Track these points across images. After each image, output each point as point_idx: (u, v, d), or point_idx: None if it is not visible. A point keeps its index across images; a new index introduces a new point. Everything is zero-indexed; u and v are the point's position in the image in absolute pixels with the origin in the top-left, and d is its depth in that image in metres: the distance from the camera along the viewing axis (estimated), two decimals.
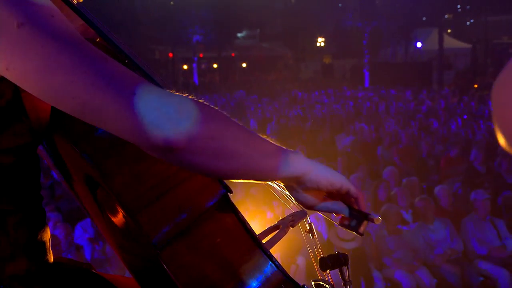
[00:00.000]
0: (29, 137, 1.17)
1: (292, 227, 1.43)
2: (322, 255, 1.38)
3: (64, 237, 5.84)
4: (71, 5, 1.32)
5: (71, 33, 1.04)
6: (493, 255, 6.48)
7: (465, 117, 15.05)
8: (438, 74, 32.13)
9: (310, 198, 1.29)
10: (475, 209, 6.78)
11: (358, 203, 1.33)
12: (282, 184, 1.31)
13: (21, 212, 1.18)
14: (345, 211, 1.32)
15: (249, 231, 1.23)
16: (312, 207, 1.31)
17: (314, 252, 1.39)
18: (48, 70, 1.00)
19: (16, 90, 1.12)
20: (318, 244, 1.41)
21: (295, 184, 1.27)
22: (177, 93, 1.08)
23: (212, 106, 1.12)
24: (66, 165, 1.30)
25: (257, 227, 1.38)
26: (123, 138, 1.04)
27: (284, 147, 1.27)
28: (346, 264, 1.36)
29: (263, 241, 1.34)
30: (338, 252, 1.38)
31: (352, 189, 1.32)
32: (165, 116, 1.00)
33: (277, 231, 1.40)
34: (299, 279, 5.39)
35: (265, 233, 1.42)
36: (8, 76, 1.04)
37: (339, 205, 1.33)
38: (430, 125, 13.45)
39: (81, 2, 1.41)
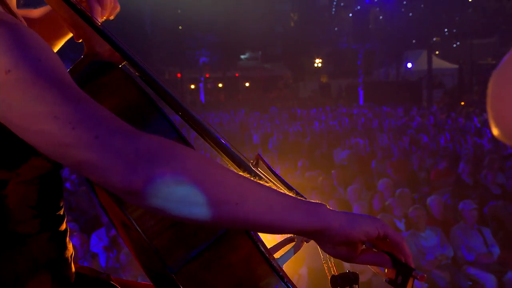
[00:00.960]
0: (50, 166, 1.16)
1: (307, 242, 1.35)
2: (334, 269, 1.30)
3: (80, 246, 5.89)
4: (98, 30, 1.32)
5: (56, 78, 1.02)
6: (480, 261, 6.51)
7: (453, 132, 15.08)
8: (428, 92, 32.28)
9: (344, 251, 1.15)
10: (463, 218, 6.81)
11: (401, 251, 1.17)
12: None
13: (46, 231, 1.17)
14: (388, 264, 1.17)
15: (263, 252, 1.17)
16: (349, 261, 1.17)
17: (328, 266, 1.31)
18: (27, 114, 0.99)
19: None
20: (331, 259, 1.29)
21: (319, 239, 1.13)
22: (149, 134, 1.02)
23: (189, 148, 1.05)
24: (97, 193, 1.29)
25: (264, 235, 1.32)
26: (91, 179, 1.02)
27: (300, 198, 1.13)
28: (356, 282, 1.29)
29: (278, 255, 1.31)
30: (349, 271, 1.30)
31: (391, 233, 1.16)
32: (124, 158, 0.96)
33: (292, 244, 1.35)
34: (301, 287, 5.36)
35: (280, 245, 1.37)
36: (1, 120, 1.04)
37: (381, 258, 1.18)
38: (420, 140, 13.48)
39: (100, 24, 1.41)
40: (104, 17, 1.45)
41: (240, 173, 1.08)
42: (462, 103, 27.90)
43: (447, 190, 8.71)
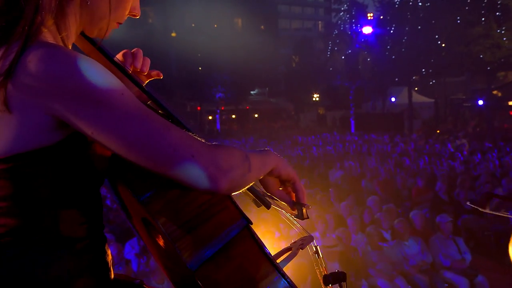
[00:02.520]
0: (95, 179, 1.17)
1: (302, 249, 1.41)
2: (325, 272, 1.37)
3: (117, 254, 5.84)
4: (129, 77, 1.34)
5: (138, 106, 1.05)
6: (455, 267, 6.46)
7: (431, 156, 15.04)
8: (408, 122, 32.04)
9: (271, 183, 1.33)
10: (440, 229, 6.77)
11: (298, 195, 1.35)
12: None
13: (88, 239, 1.16)
14: (290, 203, 1.35)
15: (267, 254, 1.21)
16: (271, 191, 1.34)
17: (319, 269, 1.37)
18: (125, 137, 1.02)
19: (85, 143, 1.11)
20: (323, 263, 1.39)
21: (269, 174, 1.30)
22: (216, 143, 1.12)
23: (234, 147, 1.16)
24: (123, 201, 1.31)
25: (268, 243, 1.33)
26: (186, 185, 1.08)
27: (262, 149, 1.31)
28: (344, 280, 1.34)
29: (278, 261, 1.32)
30: (338, 270, 1.37)
31: (298, 182, 1.35)
32: (216, 171, 1.06)
33: (289, 252, 1.38)
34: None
35: (280, 253, 1.40)
36: (93, 139, 1.05)
37: (285, 195, 1.36)
38: (403, 163, 13.39)
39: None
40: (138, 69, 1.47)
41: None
42: (438, 131, 27.75)
43: (426, 205, 8.65)
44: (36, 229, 1.08)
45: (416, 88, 34.58)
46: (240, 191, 1.20)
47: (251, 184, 1.24)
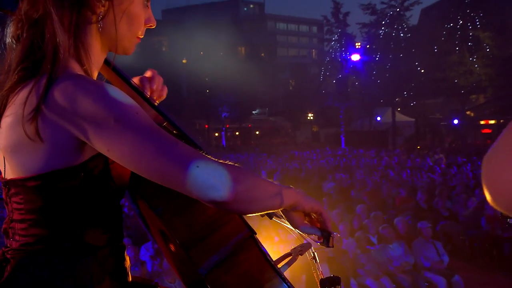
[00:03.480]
0: (115, 194, 1.15)
1: (301, 255, 1.36)
2: (322, 275, 1.32)
3: (133, 256, 5.77)
4: (147, 100, 1.31)
5: (150, 124, 1.01)
6: (434, 267, 6.44)
7: (412, 169, 15.03)
8: (392, 139, 31.94)
9: (296, 218, 1.22)
10: (421, 234, 6.74)
11: (325, 224, 1.26)
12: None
13: (109, 247, 1.14)
14: (318, 232, 1.27)
15: (269, 260, 1.17)
16: (297, 226, 1.24)
17: (316, 273, 1.34)
18: (137, 152, 0.98)
19: (106, 163, 1.09)
20: (319, 267, 1.34)
21: (291, 209, 1.21)
22: (221, 161, 1.04)
23: (244, 167, 1.08)
24: (141, 209, 1.28)
25: (268, 247, 1.30)
26: (191, 196, 1.02)
27: (283, 185, 1.20)
28: (339, 284, 1.30)
29: (279, 265, 1.29)
30: (333, 275, 1.32)
31: (324, 213, 1.26)
32: (220, 181, 0.98)
33: (289, 257, 1.35)
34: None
35: (281, 259, 1.36)
36: (108, 155, 1.03)
37: (314, 229, 1.26)
38: (388, 175, 13.35)
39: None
40: (155, 96, 1.42)
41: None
42: (418, 147, 27.70)
43: (409, 213, 8.55)
44: (64, 238, 1.08)
45: (398, 109, 34.47)
46: (250, 209, 1.08)
47: (264, 208, 1.12)
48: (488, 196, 0.58)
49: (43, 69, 1.03)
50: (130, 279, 1.23)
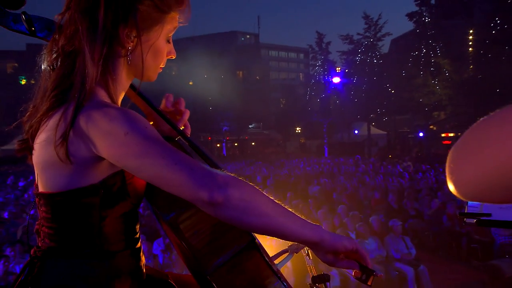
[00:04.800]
0: (132, 206, 1.11)
1: (296, 253, 1.28)
2: (314, 271, 1.25)
3: (147, 250, 5.75)
4: (164, 118, 1.25)
5: (158, 138, 0.97)
6: (404, 259, 6.42)
7: (385, 175, 15.06)
8: (367, 149, 31.92)
9: (330, 257, 1.04)
10: (392, 230, 6.73)
11: (364, 260, 1.08)
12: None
13: (127, 250, 1.11)
14: (357, 267, 1.08)
15: (268, 262, 1.10)
16: (332, 265, 1.06)
17: (310, 268, 1.27)
18: (144, 161, 0.94)
19: (123, 181, 1.06)
20: (313, 264, 1.27)
21: (316, 248, 1.03)
22: (220, 170, 0.98)
23: (246, 181, 0.97)
24: (159, 218, 1.21)
25: (263, 242, 1.21)
26: (185, 198, 0.95)
27: (311, 222, 1.02)
28: (328, 280, 1.23)
29: (276, 261, 1.22)
30: (323, 272, 1.26)
31: (360, 250, 1.08)
32: (211, 183, 0.92)
33: (286, 254, 1.28)
34: (288, 276, 5.23)
35: (278, 254, 1.30)
36: (119, 165, 0.99)
37: (352, 263, 1.08)
38: (364, 180, 13.29)
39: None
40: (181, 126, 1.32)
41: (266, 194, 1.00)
42: (390, 156, 27.61)
43: (382, 212, 8.48)
44: (84, 245, 1.06)
45: (373, 123, 34.53)
46: (245, 220, 0.95)
47: (266, 225, 0.96)
48: (451, 186, 0.55)
49: (71, 97, 1.01)
50: (145, 272, 1.19)
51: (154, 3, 1.04)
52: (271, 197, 0.99)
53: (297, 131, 44.83)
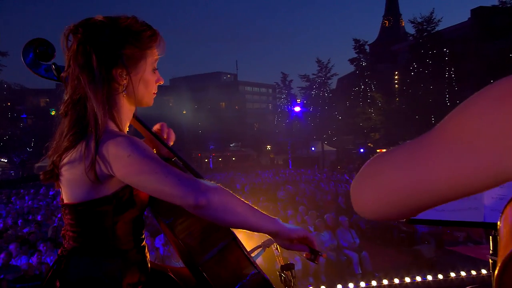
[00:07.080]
0: (138, 213, 1.09)
1: (268, 247, 1.27)
2: (282, 263, 1.22)
3: (150, 244, 5.56)
4: (163, 143, 1.24)
5: (156, 158, 0.96)
6: (350, 247, 6.38)
7: (336, 182, 15.24)
8: (322, 162, 32.04)
9: (286, 243, 1.06)
10: (342, 225, 6.77)
11: (313, 245, 1.10)
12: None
13: (135, 248, 1.09)
14: (307, 250, 1.09)
15: (245, 253, 1.11)
16: (288, 249, 1.08)
17: (278, 259, 1.25)
18: (142, 178, 0.94)
19: (131, 192, 1.04)
20: (281, 255, 1.26)
21: (276, 236, 1.05)
22: (205, 180, 0.98)
23: (223, 188, 0.97)
24: (159, 221, 1.17)
25: (242, 237, 1.18)
26: (176, 204, 0.94)
27: (272, 217, 1.04)
28: (293, 268, 1.22)
29: (253, 254, 1.20)
30: (289, 262, 1.24)
31: (309, 236, 1.09)
32: (196, 190, 0.91)
33: (260, 249, 1.26)
34: (262, 265, 5.18)
35: (253, 250, 1.28)
36: (126, 182, 0.99)
37: (303, 247, 1.09)
38: (320, 186, 13.33)
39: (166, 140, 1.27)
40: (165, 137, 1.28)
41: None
42: (339, 167, 27.88)
43: (333, 211, 8.44)
44: (101, 245, 1.05)
45: (325, 142, 35.06)
46: (227, 219, 0.95)
47: (241, 221, 0.97)
48: (354, 207, 0.54)
49: (89, 132, 1.00)
50: (149, 266, 1.16)
51: (134, 45, 1.03)
52: (243, 200, 1.00)
53: (268, 148, 44.76)
